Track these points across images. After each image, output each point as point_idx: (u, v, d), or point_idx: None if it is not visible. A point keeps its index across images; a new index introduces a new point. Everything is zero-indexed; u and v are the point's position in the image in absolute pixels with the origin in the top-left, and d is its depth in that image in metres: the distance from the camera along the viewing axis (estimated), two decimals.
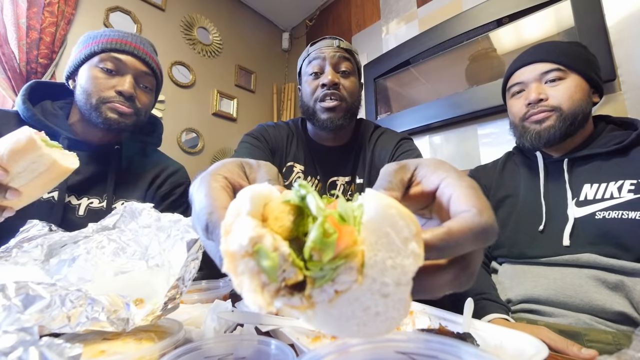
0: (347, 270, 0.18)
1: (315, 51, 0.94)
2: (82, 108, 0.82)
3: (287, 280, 0.18)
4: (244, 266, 0.18)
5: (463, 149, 1.56)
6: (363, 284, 0.18)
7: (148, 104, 0.90)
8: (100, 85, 0.80)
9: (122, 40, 0.83)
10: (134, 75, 0.84)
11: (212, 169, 0.26)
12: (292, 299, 0.18)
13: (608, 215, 0.70)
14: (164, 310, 0.37)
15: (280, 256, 0.18)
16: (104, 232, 0.52)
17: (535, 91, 0.81)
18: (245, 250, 0.18)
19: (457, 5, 1.65)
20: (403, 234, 0.19)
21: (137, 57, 0.84)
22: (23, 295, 0.29)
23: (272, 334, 0.45)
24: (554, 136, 0.79)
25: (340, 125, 0.91)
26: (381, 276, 0.19)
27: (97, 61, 0.81)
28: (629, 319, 0.64)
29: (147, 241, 0.50)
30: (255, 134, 0.98)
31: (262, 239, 0.18)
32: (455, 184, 0.23)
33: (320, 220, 0.18)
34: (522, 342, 0.37)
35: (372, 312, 0.19)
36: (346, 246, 0.18)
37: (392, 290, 0.19)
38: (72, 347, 0.24)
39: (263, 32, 2.73)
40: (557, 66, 0.80)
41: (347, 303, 0.19)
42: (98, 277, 0.47)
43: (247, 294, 0.18)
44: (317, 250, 0.18)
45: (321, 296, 0.19)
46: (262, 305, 0.18)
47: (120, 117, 0.82)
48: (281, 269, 0.18)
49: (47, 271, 0.47)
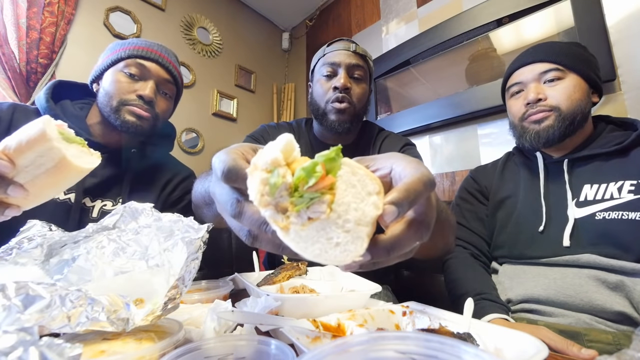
0: (320, 203, 0.25)
1: (331, 53, 0.96)
2: (103, 110, 0.85)
3: (279, 203, 0.25)
4: (259, 174, 0.25)
5: (463, 149, 1.56)
6: (330, 217, 0.25)
7: (166, 110, 0.93)
8: (122, 88, 0.83)
9: (148, 48, 0.87)
10: (156, 82, 0.87)
11: (228, 148, 0.32)
12: (277, 215, 0.25)
13: (608, 215, 0.70)
14: (164, 310, 0.37)
15: (283, 182, 0.25)
16: (104, 232, 0.52)
17: (534, 91, 0.81)
18: (266, 166, 0.25)
19: (457, 5, 1.65)
20: (367, 189, 0.26)
21: (160, 65, 0.88)
22: (23, 295, 0.29)
23: (272, 334, 0.45)
24: (553, 136, 0.79)
25: (347, 128, 0.95)
26: (345, 214, 0.25)
27: (122, 66, 0.84)
28: (629, 319, 0.64)
29: (147, 241, 0.50)
30: (256, 136, 1.01)
31: (279, 166, 0.25)
32: (401, 162, 0.30)
33: (314, 160, 0.25)
34: (522, 342, 0.37)
35: (333, 241, 0.25)
36: (324, 186, 0.25)
37: (352, 227, 0.25)
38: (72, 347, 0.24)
39: (263, 32, 2.72)
40: (555, 66, 0.80)
41: (315, 230, 0.25)
42: (98, 277, 0.47)
43: (251, 191, 0.26)
44: (303, 179, 0.25)
45: (297, 219, 0.25)
46: (256, 201, 0.25)
47: (138, 121, 0.84)
48: (280, 193, 0.25)
49: (47, 271, 0.47)
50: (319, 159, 0.25)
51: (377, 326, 0.49)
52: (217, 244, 1.33)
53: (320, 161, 0.25)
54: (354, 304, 0.56)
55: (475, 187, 0.98)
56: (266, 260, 1.14)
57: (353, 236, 0.25)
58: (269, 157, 0.25)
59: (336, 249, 0.25)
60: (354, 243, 0.25)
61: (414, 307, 0.52)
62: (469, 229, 0.92)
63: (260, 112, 2.62)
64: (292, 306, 0.52)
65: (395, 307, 0.53)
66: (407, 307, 0.53)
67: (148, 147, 0.96)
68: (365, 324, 0.48)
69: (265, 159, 0.25)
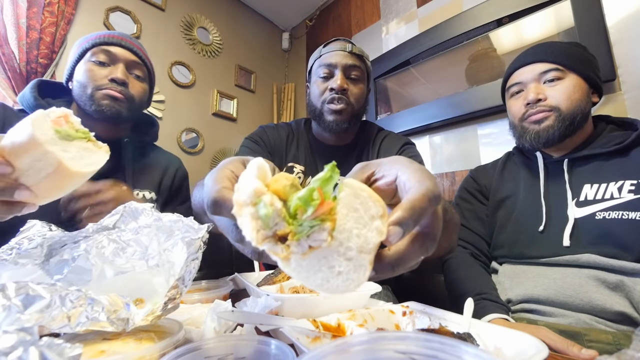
0: (321, 230, 0.23)
1: (327, 54, 0.96)
2: (79, 101, 0.87)
3: (277, 232, 0.24)
4: (247, 211, 0.24)
5: (463, 149, 1.56)
6: (331, 245, 0.24)
7: (141, 92, 0.95)
8: (94, 75, 0.86)
9: (110, 35, 0.91)
10: (125, 64, 0.90)
11: (219, 165, 0.32)
12: (276, 246, 0.24)
13: (608, 215, 0.70)
14: (164, 310, 0.37)
15: (274, 210, 0.23)
16: (104, 232, 0.51)
17: (534, 91, 0.81)
18: (250, 200, 0.24)
19: (457, 5, 1.65)
20: (370, 212, 0.24)
21: (125, 48, 0.91)
22: (23, 295, 0.29)
23: (272, 334, 0.45)
24: (553, 136, 0.79)
25: (344, 128, 0.95)
26: (347, 241, 0.24)
27: (89, 56, 0.88)
28: (629, 319, 0.64)
29: (147, 241, 0.50)
30: (255, 137, 1.01)
31: (263, 195, 0.24)
32: (406, 170, 0.28)
33: (310, 186, 0.24)
34: (522, 342, 0.37)
35: (335, 270, 0.24)
36: (323, 212, 0.23)
37: (355, 255, 0.24)
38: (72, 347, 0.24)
39: (263, 32, 2.72)
40: (555, 66, 0.80)
41: (317, 259, 0.24)
42: (98, 277, 0.47)
43: (246, 232, 0.24)
44: (300, 208, 0.23)
45: (297, 248, 0.24)
46: (253, 240, 0.23)
47: (113, 102, 0.86)
48: (274, 221, 0.23)
49: (47, 271, 0.47)
50: (315, 184, 0.24)
51: (377, 326, 0.49)
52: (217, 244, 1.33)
53: (317, 186, 0.24)
54: (354, 304, 0.56)
55: (475, 187, 0.98)
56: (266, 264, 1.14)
57: (355, 264, 0.24)
58: (249, 189, 0.24)
59: (338, 278, 0.24)
60: (357, 272, 0.24)
61: (414, 307, 0.52)
62: (468, 229, 0.92)
63: (260, 112, 2.62)
64: (292, 306, 0.52)
65: (395, 307, 0.53)
66: (407, 307, 0.53)
67: (137, 136, 1.00)
68: (365, 324, 0.48)
69: (246, 193, 0.24)
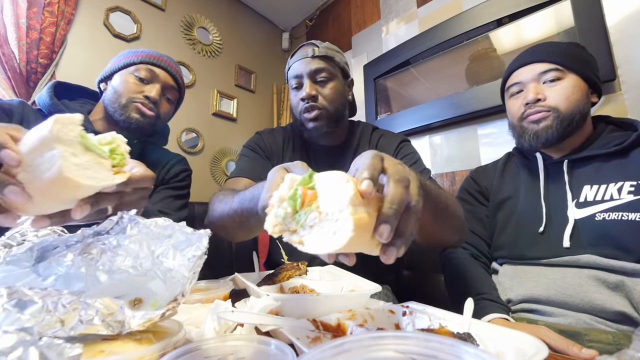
0: (312, 212, 0.33)
1: (294, 65, 0.97)
2: (110, 106, 0.92)
3: (290, 228, 0.35)
4: (273, 211, 0.36)
5: (463, 149, 1.56)
6: (322, 218, 0.32)
7: (167, 113, 1.03)
8: (131, 88, 0.92)
9: (159, 57, 0.98)
10: (162, 86, 0.97)
11: (269, 176, 0.47)
12: (292, 236, 0.35)
13: (608, 216, 0.70)
14: (162, 317, 0.36)
15: (286, 213, 0.35)
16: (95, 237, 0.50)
17: (533, 91, 0.81)
18: (275, 204, 0.36)
19: (457, 5, 1.65)
20: (337, 183, 0.32)
21: (168, 72, 0.99)
22: (15, 300, 0.29)
23: (272, 334, 0.45)
24: (552, 136, 0.79)
25: (326, 132, 0.96)
26: (329, 209, 0.32)
27: (132, 70, 0.94)
28: (629, 319, 0.64)
29: (136, 247, 0.48)
30: (252, 145, 1.04)
31: (284, 201, 0.35)
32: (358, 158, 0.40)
33: (294, 189, 0.35)
34: (522, 342, 0.37)
35: (332, 232, 0.31)
36: (310, 200, 0.33)
37: (338, 216, 0.31)
38: (72, 347, 0.24)
39: (263, 32, 2.72)
40: (555, 66, 0.80)
41: (318, 232, 0.33)
42: (92, 283, 0.46)
43: (266, 222, 0.36)
44: (293, 205, 0.34)
45: (304, 232, 0.34)
46: (269, 230, 0.36)
47: (142, 118, 0.93)
48: (287, 220, 0.35)
49: (38, 275, 0.46)
50: (296, 185, 0.35)
51: (377, 326, 0.49)
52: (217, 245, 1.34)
53: (298, 185, 0.35)
54: (354, 304, 0.56)
55: (475, 187, 0.98)
56: (266, 263, 1.14)
57: (341, 221, 0.31)
58: (276, 197, 0.36)
59: (336, 236, 0.31)
60: (344, 225, 0.31)
61: (414, 307, 0.52)
62: (469, 230, 0.92)
63: (260, 112, 2.62)
64: (292, 306, 0.52)
65: (395, 307, 0.53)
66: (407, 307, 0.53)
67: (148, 144, 1.04)
68: (365, 324, 0.48)
69: (274, 199, 0.36)
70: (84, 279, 0.46)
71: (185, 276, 0.39)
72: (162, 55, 1.00)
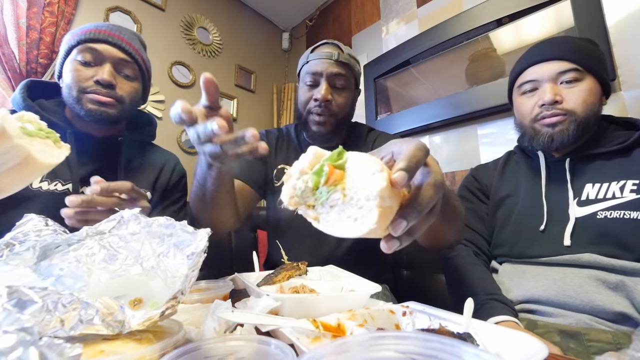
0: (335, 192, 0.31)
1: (314, 61, 0.95)
2: (67, 102, 0.83)
3: (307, 202, 0.33)
4: (291, 182, 0.34)
5: (463, 149, 1.56)
6: (345, 201, 0.31)
7: (132, 92, 0.88)
8: (79, 76, 0.80)
9: (96, 30, 0.82)
10: (112, 64, 0.82)
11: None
12: (308, 211, 0.33)
13: (610, 215, 0.70)
14: (162, 316, 0.36)
15: (306, 186, 0.33)
16: (97, 236, 0.50)
17: (551, 92, 0.77)
18: (295, 174, 0.34)
19: (457, 5, 1.65)
20: (371, 169, 0.30)
21: (113, 45, 0.83)
22: (15, 300, 0.29)
23: (272, 334, 0.45)
24: (567, 140, 0.77)
25: (328, 138, 0.96)
26: (356, 195, 0.30)
27: (75, 54, 0.81)
28: (630, 319, 0.64)
29: (138, 246, 0.49)
30: None
31: (304, 174, 0.33)
32: (397, 143, 0.37)
33: (321, 163, 0.32)
34: (522, 342, 0.37)
35: (352, 218, 0.31)
36: (335, 179, 0.31)
37: (364, 204, 0.30)
38: (72, 347, 0.24)
39: (263, 32, 2.72)
40: (574, 66, 0.76)
41: (337, 213, 0.32)
42: (93, 282, 0.46)
43: (283, 192, 0.34)
44: (316, 180, 0.32)
45: (322, 209, 0.32)
46: (285, 201, 0.34)
47: (102, 107, 0.81)
48: (305, 193, 0.33)
49: (39, 274, 0.46)
50: (324, 161, 0.32)
51: (377, 326, 0.49)
52: (217, 245, 1.33)
53: (326, 162, 0.32)
54: (354, 304, 0.56)
55: (476, 185, 0.97)
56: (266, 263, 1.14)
57: (366, 210, 0.30)
58: (296, 168, 0.34)
59: (356, 223, 0.30)
60: (368, 215, 0.30)
61: (414, 307, 0.52)
62: (469, 227, 0.92)
63: (260, 112, 2.62)
64: (292, 306, 0.52)
65: (395, 307, 0.53)
66: (407, 307, 0.53)
67: (132, 137, 0.95)
68: (365, 324, 0.48)
69: (294, 170, 0.34)
70: (85, 278, 0.46)
71: (185, 274, 0.39)
72: (101, 26, 0.83)
